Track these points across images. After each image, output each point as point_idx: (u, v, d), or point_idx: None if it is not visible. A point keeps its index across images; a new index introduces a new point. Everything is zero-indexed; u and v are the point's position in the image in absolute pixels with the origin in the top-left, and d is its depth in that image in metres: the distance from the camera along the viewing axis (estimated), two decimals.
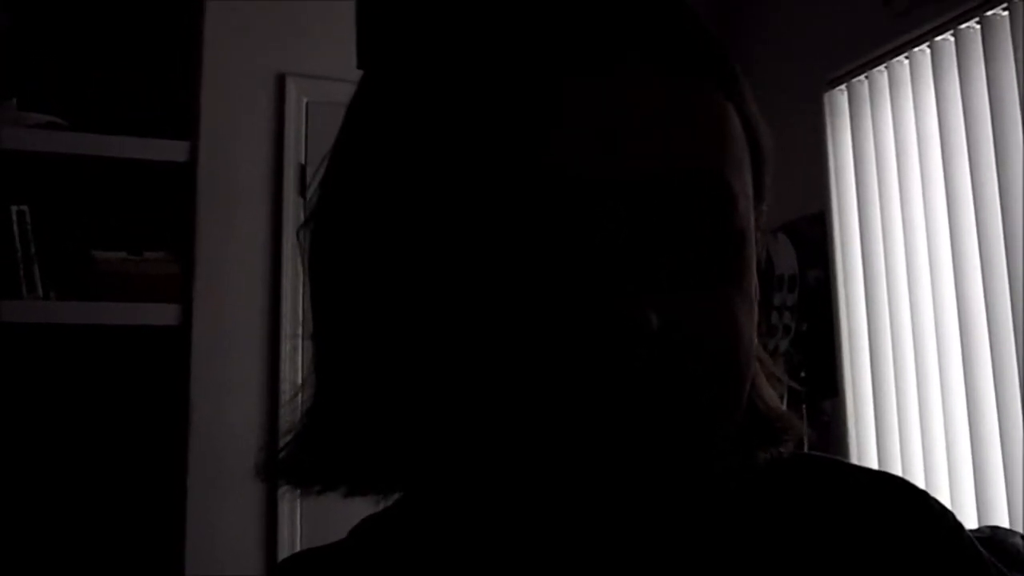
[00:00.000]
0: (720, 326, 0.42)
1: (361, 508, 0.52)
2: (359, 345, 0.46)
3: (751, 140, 0.46)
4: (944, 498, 2.07)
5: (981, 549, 0.53)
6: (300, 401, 0.49)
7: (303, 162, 2.37)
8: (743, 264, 0.44)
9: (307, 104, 2.41)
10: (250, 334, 2.29)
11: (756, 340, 0.50)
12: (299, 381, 0.51)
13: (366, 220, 0.45)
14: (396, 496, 0.50)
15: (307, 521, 2.22)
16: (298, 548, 1.84)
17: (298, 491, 0.48)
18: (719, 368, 0.42)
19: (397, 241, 0.44)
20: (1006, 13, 1.99)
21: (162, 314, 2.16)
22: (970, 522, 1.98)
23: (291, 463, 0.48)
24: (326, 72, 2.39)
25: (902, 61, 2.30)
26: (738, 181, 0.43)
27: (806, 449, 0.54)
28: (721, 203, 0.42)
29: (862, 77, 2.42)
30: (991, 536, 1.59)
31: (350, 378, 0.47)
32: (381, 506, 0.51)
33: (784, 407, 0.52)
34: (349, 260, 0.47)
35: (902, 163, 2.29)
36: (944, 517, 0.53)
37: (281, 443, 0.49)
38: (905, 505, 0.52)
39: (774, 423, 0.51)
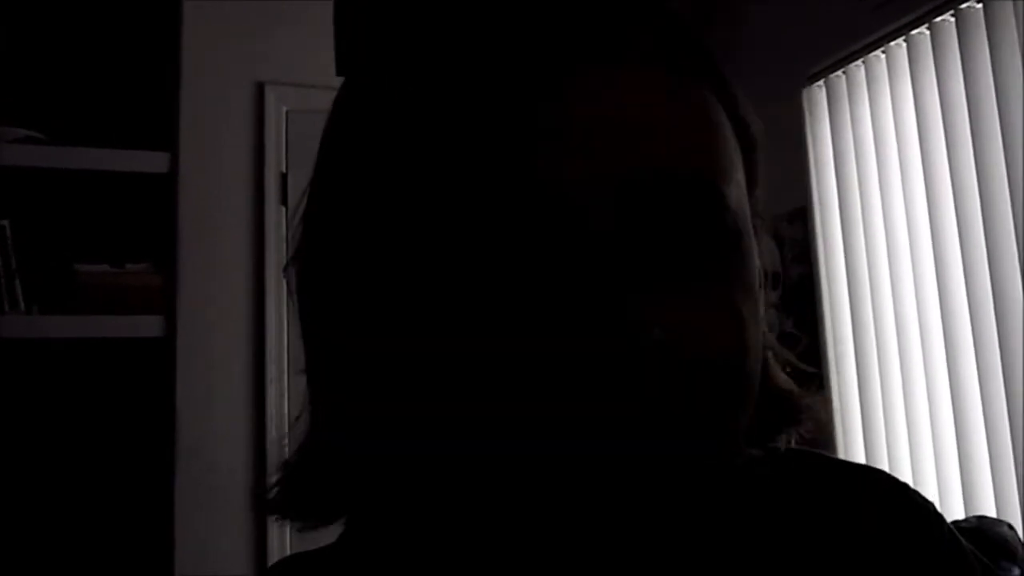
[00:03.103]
0: (724, 329, 0.41)
1: None
2: (351, 381, 0.45)
3: (742, 135, 0.46)
4: (931, 489, 2.08)
5: (962, 540, 0.53)
6: (289, 418, 0.48)
7: (284, 170, 2.37)
8: (741, 259, 0.43)
9: (287, 112, 2.41)
10: (235, 343, 2.28)
11: (767, 331, 0.50)
12: (285, 389, 0.50)
13: (352, 246, 0.44)
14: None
15: (296, 529, 2.21)
16: (288, 552, 1.83)
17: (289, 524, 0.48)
18: (727, 370, 0.40)
19: (383, 264, 0.42)
20: (980, 6, 2.01)
21: (146, 326, 2.16)
22: (957, 512, 2.00)
23: (284, 500, 0.48)
24: (305, 80, 2.38)
25: (879, 55, 2.31)
26: (729, 182, 0.43)
27: (793, 444, 0.53)
28: (710, 207, 0.41)
29: (840, 72, 2.44)
30: (977, 526, 1.61)
31: (343, 417, 0.45)
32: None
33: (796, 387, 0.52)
34: (338, 294, 0.45)
35: (881, 156, 2.30)
36: (925, 510, 0.53)
37: (274, 478, 0.48)
38: (886, 498, 0.53)
39: (793, 401, 0.51)
